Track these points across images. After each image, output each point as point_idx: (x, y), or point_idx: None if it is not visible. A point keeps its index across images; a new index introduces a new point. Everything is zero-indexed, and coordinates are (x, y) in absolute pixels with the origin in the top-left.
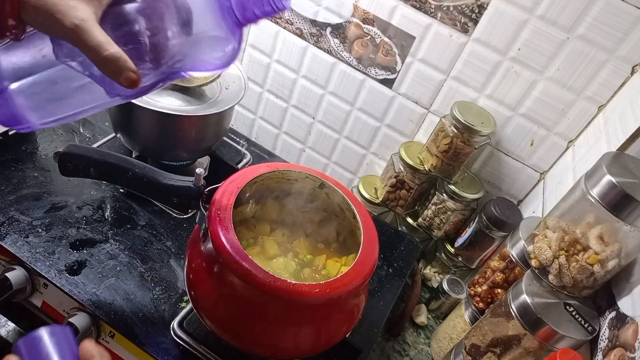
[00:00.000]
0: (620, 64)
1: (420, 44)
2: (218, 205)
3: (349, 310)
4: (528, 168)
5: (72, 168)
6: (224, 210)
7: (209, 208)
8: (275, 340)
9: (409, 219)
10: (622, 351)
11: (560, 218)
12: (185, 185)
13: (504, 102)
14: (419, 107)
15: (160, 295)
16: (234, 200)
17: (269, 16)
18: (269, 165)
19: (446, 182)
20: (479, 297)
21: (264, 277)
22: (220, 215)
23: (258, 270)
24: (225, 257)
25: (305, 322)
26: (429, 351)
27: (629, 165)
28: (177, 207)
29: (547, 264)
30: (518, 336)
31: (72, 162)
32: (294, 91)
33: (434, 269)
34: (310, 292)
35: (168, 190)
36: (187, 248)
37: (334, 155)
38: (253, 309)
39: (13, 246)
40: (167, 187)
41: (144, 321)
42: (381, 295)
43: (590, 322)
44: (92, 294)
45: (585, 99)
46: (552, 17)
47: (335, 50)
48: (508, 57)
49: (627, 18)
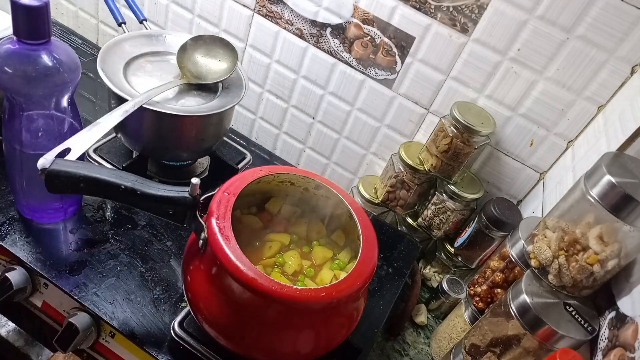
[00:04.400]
0: (620, 64)
1: (420, 45)
2: (216, 214)
3: (348, 314)
4: (528, 168)
5: (60, 185)
6: (223, 219)
7: (206, 217)
8: (275, 345)
9: (409, 219)
10: (622, 351)
11: (560, 218)
12: (181, 195)
13: (504, 103)
14: (419, 107)
15: (160, 295)
16: (231, 207)
17: None
18: (262, 169)
19: (446, 182)
20: (479, 297)
21: (269, 284)
22: (220, 225)
23: (263, 278)
24: (229, 267)
25: (306, 326)
26: (429, 351)
27: (628, 165)
28: (173, 218)
29: (547, 264)
30: (518, 336)
31: (60, 179)
32: (294, 91)
33: (433, 268)
34: (313, 297)
35: (163, 202)
36: (185, 256)
37: (334, 156)
38: (254, 315)
39: (13, 246)
40: (162, 199)
41: (144, 321)
42: (381, 295)
43: (590, 322)
44: (93, 294)
45: (584, 99)
46: (551, 18)
47: (336, 50)
48: (508, 57)
49: (626, 18)
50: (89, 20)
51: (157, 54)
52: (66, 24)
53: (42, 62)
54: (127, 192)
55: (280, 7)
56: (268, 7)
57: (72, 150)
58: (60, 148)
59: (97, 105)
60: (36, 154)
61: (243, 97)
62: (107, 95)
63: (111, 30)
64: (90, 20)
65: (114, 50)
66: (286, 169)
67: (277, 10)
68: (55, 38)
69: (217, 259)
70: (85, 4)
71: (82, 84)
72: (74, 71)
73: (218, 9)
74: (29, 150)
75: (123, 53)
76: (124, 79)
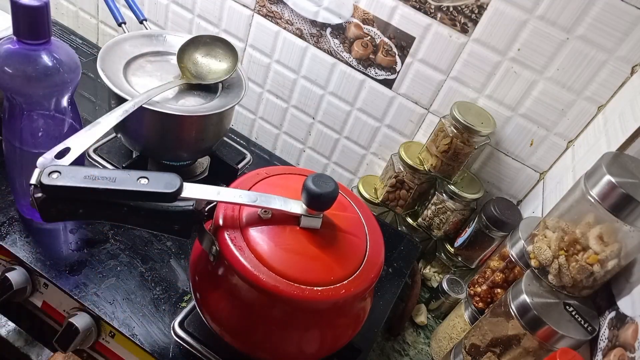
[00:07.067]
0: (620, 64)
1: (420, 44)
2: (224, 224)
3: (355, 314)
4: (528, 168)
5: (56, 213)
6: (232, 230)
7: (213, 228)
8: (281, 344)
9: (409, 219)
10: (622, 351)
11: (560, 218)
12: (186, 209)
13: (504, 103)
14: (419, 107)
15: (160, 295)
16: (238, 215)
17: None
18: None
19: (446, 182)
20: (479, 297)
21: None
22: (231, 236)
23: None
24: (249, 278)
25: (312, 326)
26: (429, 351)
27: (628, 165)
28: (179, 233)
29: (547, 264)
30: (518, 336)
31: (57, 207)
32: (294, 91)
33: (433, 268)
34: (320, 297)
35: (170, 218)
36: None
37: (334, 156)
38: (261, 314)
39: (13, 246)
40: (168, 214)
41: (144, 321)
42: (381, 295)
43: (590, 322)
44: (93, 294)
45: (584, 99)
46: (551, 18)
47: (336, 50)
48: (508, 57)
49: (626, 18)
50: (89, 20)
51: (157, 54)
52: (66, 24)
53: (42, 62)
54: (132, 213)
55: (280, 7)
56: (268, 7)
57: (72, 150)
58: (60, 147)
59: (97, 105)
60: (36, 154)
61: (243, 97)
62: (107, 95)
63: (111, 30)
64: (90, 20)
65: (114, 50)
66: (286, 169)
67: (277, 10)
68: (55, 38)
69: (234, 271)
70: (86, 4)
71: (82, 84)
72: (74, 71)
73: (218, 9)
74: (29, 149)
75: (123, 53)
76: (124, 79)
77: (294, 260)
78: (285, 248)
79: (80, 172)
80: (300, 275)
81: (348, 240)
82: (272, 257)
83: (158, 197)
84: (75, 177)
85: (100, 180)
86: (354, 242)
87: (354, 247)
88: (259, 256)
